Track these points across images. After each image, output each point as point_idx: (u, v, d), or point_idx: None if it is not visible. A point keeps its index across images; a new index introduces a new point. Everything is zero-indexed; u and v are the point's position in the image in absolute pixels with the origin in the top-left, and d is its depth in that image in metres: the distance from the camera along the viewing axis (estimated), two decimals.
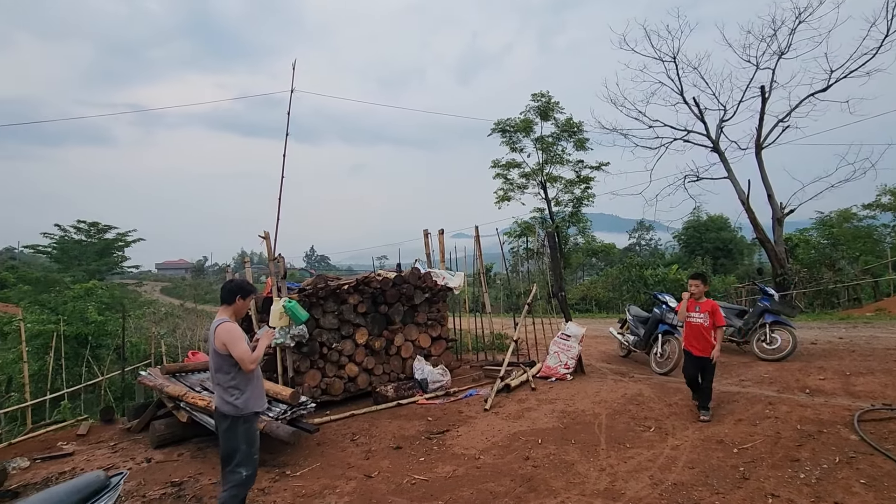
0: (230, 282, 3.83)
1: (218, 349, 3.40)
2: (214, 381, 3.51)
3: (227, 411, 3.41)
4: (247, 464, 3.38)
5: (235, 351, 3.36)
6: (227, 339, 3.37)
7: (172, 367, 6.65)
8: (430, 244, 9.56)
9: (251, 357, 3.40)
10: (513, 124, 25.70)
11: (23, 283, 17.10)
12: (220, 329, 3.41)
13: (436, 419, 5.87)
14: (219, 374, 3.45)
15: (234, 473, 3.36)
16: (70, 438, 6.16)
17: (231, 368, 3.42)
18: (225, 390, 3.43)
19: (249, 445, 3.42)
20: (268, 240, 7.00)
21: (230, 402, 3.40)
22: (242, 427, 3.42)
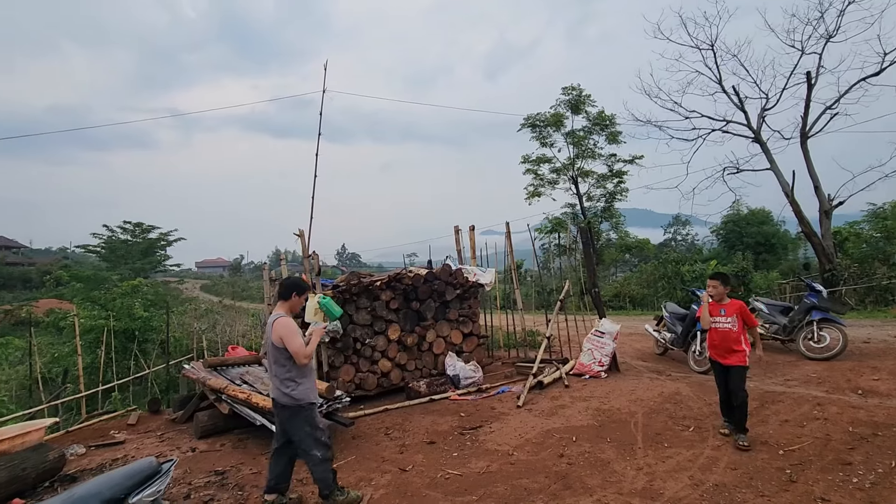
0: (286, 279, 4.01)
1: (275, 343, 3.57)
2: (272, 373, 3.69)
3: (285, 402, 3.60)
4: (316, 446, 3.59)
5: (291, 345, 3.52)
6: (284, 334, 3.54)
7: (214, 361, 6.90)
8: (460, 241, 9.56)
9: (305, 351, 3.56)
10: (543, 119, 25.37)
11: (76, 280, 18.04)
12: (277, 323, 3.58)
13: (468, 415, 5.88)
14: (276, 367, 3.62)
15: (309, 458, 3.60)
16: (121, 428, 6.49)
17: (287, 361, 3.59)
18: (282, 382, 3.60)
19: (313, 428, 3.62)
20: (302, 238, 7.17)
21: (287, 393, 3.58)
22: (302, 415, 3.61)
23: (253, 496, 3.97)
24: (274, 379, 3.66)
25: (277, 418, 3.77)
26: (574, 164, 25.30)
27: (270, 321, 3.66)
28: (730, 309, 4.64)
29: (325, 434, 3.69)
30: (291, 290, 3.77)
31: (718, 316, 4.67)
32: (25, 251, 63.81)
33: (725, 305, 4.67)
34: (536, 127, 25.68)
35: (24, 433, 4.51)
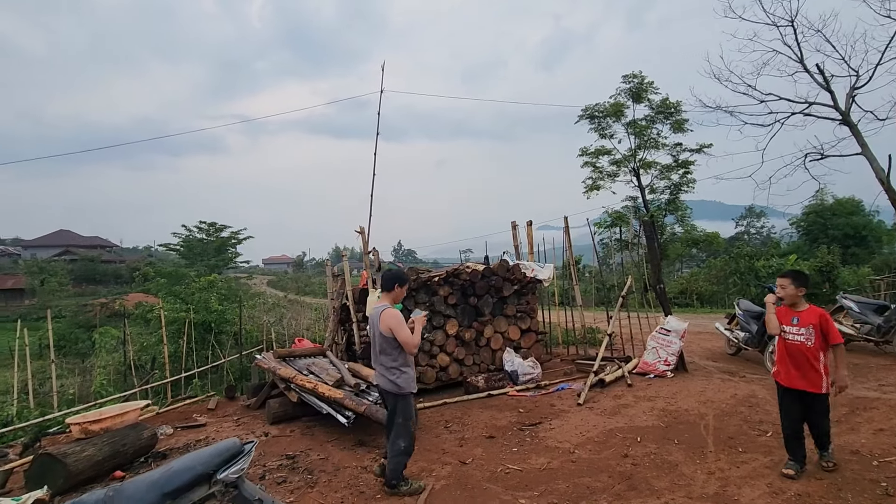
0: (387, 272, 4.21)
1: (383, 332, 3.75)
2: (377, 362, 3.88)
3: (389, 388, 3.81)
4: (404, 435, 3.78)
5: (400, 335, 3.70)
6: (392, 324, 3.71)
7: (283, 352, 7.30)
8: (517, 236, 9.48)
9: (414, 341, 3.73)
10: (602, 109, 24.48)
11: (160, 276, 19.63)
12: (384, 314, 3.76)
13: (527, 411, 5.85)
14: (383, 356, 3.81)
15: (394, 445, 3.79)
16: (202, 412, 7.03)
17: (393, 350, 3.77)
18: (388, 370, 3.79)
19: (406, 419, 3.81)
20: (363, 234, 7.41)
21: (392, 380, 3.77)
22: (402, 403, 3.81)
23: (321, 480, 4.18)
24: (379, 367, 3.86)
25: (384, 403, 4.04)
26: (635, 155, 24.24)
27: (376, 312, 3.84)
28: (805, 317, 3.64)
29: (413, 426, 3.87)
30: (393, 282, 3.94)
31: (789, 325, 3.70)
32: (117, 250, 70.31)
33: (800, 313, 3.68)
34: (595, 118, 24.83)
35: (123, 413, 5.00)
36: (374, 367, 3.96)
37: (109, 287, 44.91)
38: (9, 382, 8.42)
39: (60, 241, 62.69)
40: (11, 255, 64.29)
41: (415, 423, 3.89)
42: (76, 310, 29.59)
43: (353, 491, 3.93)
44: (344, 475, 4.27)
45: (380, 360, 3.85)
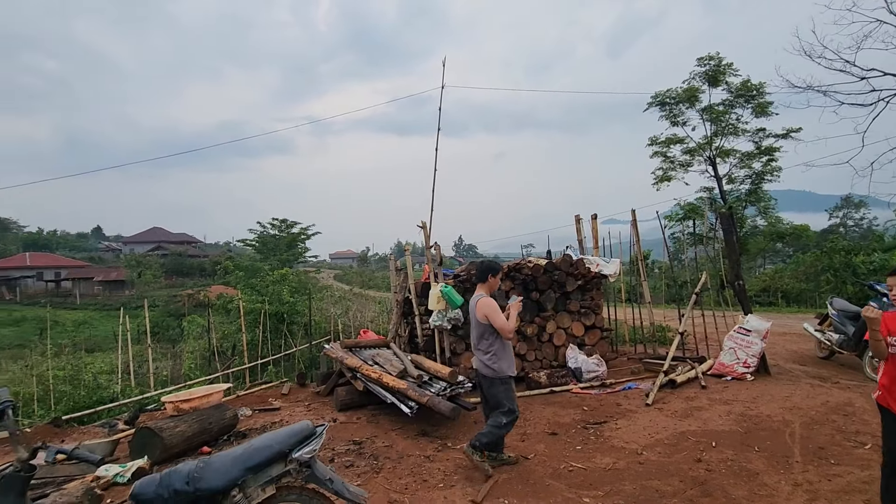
0: (481, 263, 4.40)
1: (480, 320, 3.99)
2: (476, 347, 4.14)
3: (487, 374, 4.03)
4: (507, 415, 4.00)
5: (496, 322, 3.90)
6: (489, 312, 3.93)
7: (349, 343, 7.60)
8: (581, 230, 9.22)
9: (509, 327, 3.92)
10: (674, 95, 23.07)
11: (238, 270, 21.04)
12: (480, 302, 4.01)
13: (592, 409, 5.69)
14: (481, 342, 4.05)
15: (496, 416, 4.02)
16: (276, 396, 7.49)
17: (490, 336, 3.98)
18: (485, 355, 4.02)
19: (509, 401, 4.03)
20: (425, 229, 7.52)
21: (489, 365, 4.00)
22: (502, 386, 4.02)
23: (386, 467, 4.32)
24: (477, 352, 4.10)
25: (481, 387, 4.21)
26: (711, 142, 22.66)
27: (473, 301, 4.11)
28: None
29: (517, 407, 4.07)
30: (487, 273, 4.16)
31: None
32: (201, 245, 76.31)
33: None
34: (666, 105, 23.46)
35: (208, 394, 5.45)
36: (473, 352, 4.21)
37: (195, 279, 48.88)
38: (113, 363, 9.43)
39: (153, 237, 69.11)
40: (114, 250, 71.90)
41: (514, 403, 4.06)
42: (167, 300, 32.59)
43: (417, 479, 4.02)
44: (408, 463, 4.38)
45: (478, 346, 4.08)
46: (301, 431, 2.39)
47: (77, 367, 9.02)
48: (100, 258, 65.26)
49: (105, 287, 46.90)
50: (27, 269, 48.77)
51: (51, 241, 69.81)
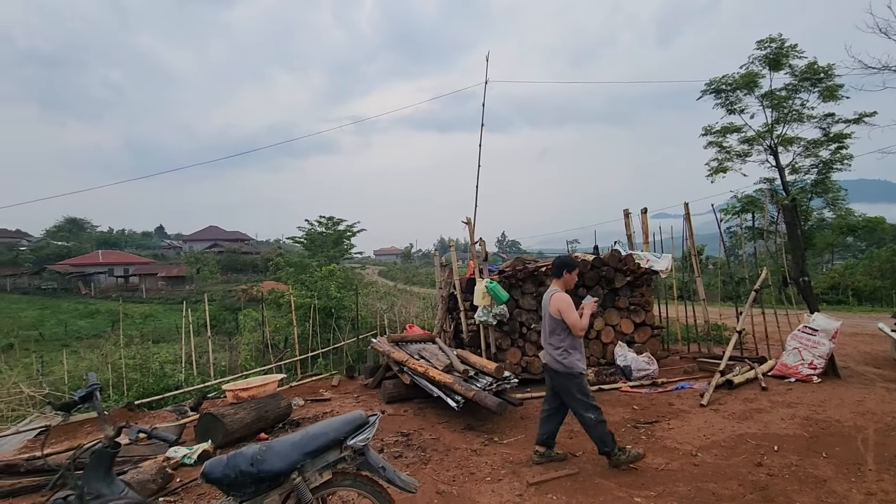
0: (557, 258, 4.37)
1: (553, 314, 3.97)
2: (546, 342, 4.12)
3: (557, 368, 3.99)
4: (588, 409, 3.91)
5: (569, 318, 3.89)
6: (562, 308, 3.91)
7: (395, 337, 7.75)
8: (630, 225, 8.95)
9: (581, 324, 3.90)
10: (730, 81, 21.85)
11: (288, 266, 21.87)
12: (554, 298, 3.99)
13: (642, 409, 5.54)
14: (552, 337, 4.03)
15: (584, 420, 3.95)
16: (326, 387, 7.75)
17: (562, 332, 3.96)
18: (556, 350, 3.99)
19: (585, 396, 3.95)
20: (470, 225, 7.53)
21: (560, 360, 3.96)
22: (574, 382, 3.96)
23: (434, 458, 4.39)
24: (548, 346, 4.07)
25: (549, 382, 4.18)
26: (772, 130, 21.33)
27: (547, 296, 4.10)
28: None
29: (594, 399, 3.97)
30: (562, 269, 4.12)
31: None
32: (253, 242, 79.79)
33: None
34: (722, 92, 22.25)
35: (264, 384, 5.72)
36: (544, 346, 4.18)
37: (248, 275, 51.19)
38: (177, 354, 10.05)
39: (210, 235, 72.91)
40: (175, 247, 76.43)
41: (591, 397, 3.98)
42: (223, 294, 34.33)
43: (464, 471, 4.06)
44: (455, 455, 4.43)
45: (549, 341, 4.06)
46: (355, 420, 2.48)
47: (145, 357, 9.69)
48: (162, 255, 69.61)
49: (167, 282, 49.97)
50: (100, 266, 52.70)
51: (120, 239, 75.12)
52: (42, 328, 33.31)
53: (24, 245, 61.80)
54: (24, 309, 38.91)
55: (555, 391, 4.14)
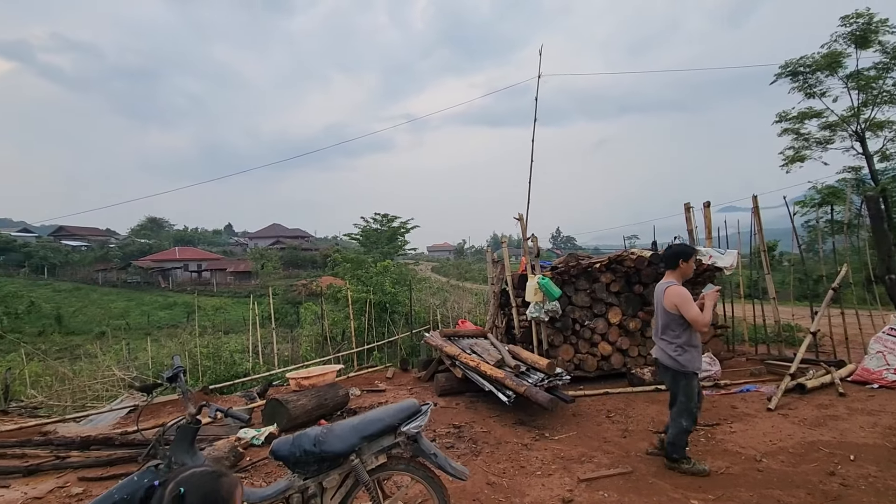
0: (669, 248, 4.08)
1: (668, 308, 3.72)
2: (659, 337, 3.88)
3: (670, 365, 3.77)
4: (685, 415, 3.74)
5: (688, 313, 3.60)
6: (679, 301, 3.64)
7: (448, 332, 7.88)
8: (691, 219, 8.56)
9: (704, 319, 3.61)
10: (809, 63, 20.13)
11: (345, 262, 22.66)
12: (669, 291, 3.72)
13: (703, 410, 5.27)
14: (666, 332, 3.78)
15: (675, 422, 3.80)
16: (381, 379, 8.03)
17: (678, 328, 3.70)
18: (670, 346, 3.75)
19: (688, 399, 3.74)
20: (522, 221, 7.52)
21: (673, 357, 3.72)
22: (683, 382, 3.74)
23: (485, 451, 4.46)
24: (661, 341, 3.84)
25: (663, 379, 4.00)
26: (859, 114, 19.47)
27: (661, 289, 3.83)
28: None
29: (697, 406, 3.78)
30: (677, 258, 3.82)
31: None
32: (312, 239, 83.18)
33: None
34: (799, 74, 20.51)
35: (324, 373, 6.04)
36: (656, 342, 3.95)
37: (308, 270, 53.47)
38: (244, 344, 10.76)
39: (273, 232, 76.83)
40: (242, 244, 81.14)
41: (696, 404, 3.78)
42: (285, 289, 36.13)
43: (514, 465, 4.11)
44: (505, 449, 4.49)
45: (662, 337, 3.82)
46: (408, 409, 2.61)
47: (217, 346, 10.45)
48: (231, 252, 74.18)
49: (235, 277, 53.23)
50: (176, 262, 57.01)
51: (193, 237, 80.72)
52: (128, 318, 36.63)
53: (113, 243, 67.99)
54: (114, 300, 42.91)
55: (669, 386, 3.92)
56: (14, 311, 35.12)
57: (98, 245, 64.08)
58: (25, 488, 4.07)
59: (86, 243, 64.64)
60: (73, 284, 47.28)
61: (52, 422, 6.32)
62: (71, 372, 11.22)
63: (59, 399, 8.99)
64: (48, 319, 34.60)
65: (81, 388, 9.80)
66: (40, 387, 10.05)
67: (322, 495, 2.50)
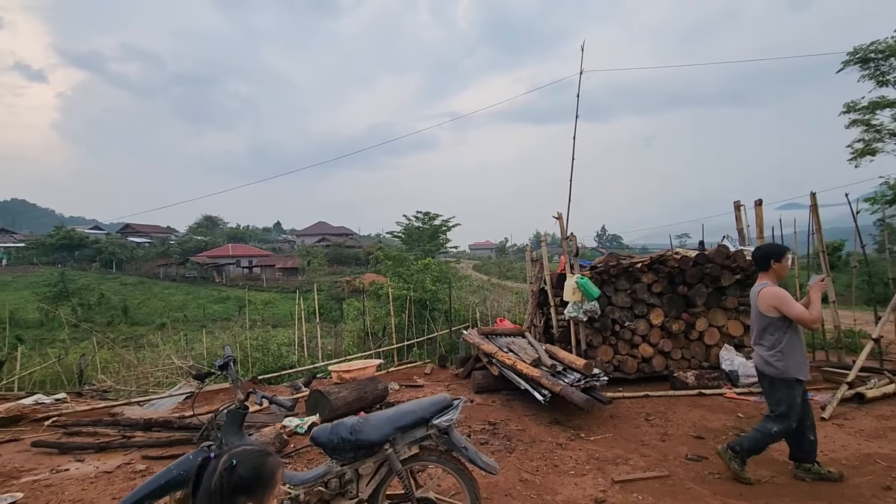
0: (758, 249, 3.81)
1: (765, 312, 3.50)
2: (757, 342, 3.64)
3: (768, 372, 3.54)
4: (778, 422, 3.52)
5: (791, 312, 3.38)
6: (777, 302, 3.42)
7: (486, 330, 7.94)
8: (742, 218, 8.19)
9: (813, 316, 3.38)
10: (881, 48, 18.66)
11: (387, 259, 23.10)
12: (764, 292, 3.50)
13: (749, 417, 5.13)
14: (764, 337, 3.56)
15: (765, 422, 3.61)
16: (420, 375, 8.19)
17: (776, 331, 3.47)
18: (768, 352, 3.52)
19: (789, 408, 3.48)
20: (561, 220, 7.45)
21: (771, 363, 3.49)
22: (783, 389, 3.50)
23: (518, 448, 4.50)
24: (759, 347, 3.62)
25: (760, 386, 3.77)
26: None
27: (755, 292, 3.62)
28: None
29: (795, 418, 3.50)
30: (768, 259, 3.60)
31: None
32: (356, 237, 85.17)
33: None
34: (870, 61, 19.02)
35: (364, 367, 6.25)
36: (754, 347, 3.72)
37: (351, 267, 54.84)
38: (291, 337, 11.23)
39: (319, 230, 79.22)
40: (289, 241, 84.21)
41: (797, 414, 3.49)
42: (330, 285, 37.26)
43: (548, 463, 4.13)
44: (540, 447, 4.50)
45: (760, 341, 3.60)
46: (440, 402, 2.70)
47: (265, 339, 10.97)
48: (279, 248, 77.13)
49: (283, 273, 55.34)
50: (229, 258, 59.91)
51: (245, 234, 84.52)
52: (186, 311, 38.90)
53: (173, 239, 72.26)
54: (173, 294, 45.70)
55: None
56: (87, 302, 38.17)
57: (159, 241, 68.30)
58: (97, 463, 4.48)
59: (149, 240, 69.10)
60: (137, 278, 50.72)
61: (119, 404, 6.89)
62: (135, 359, 12.11)
63: (125, 384, 9.74)
64: (116, 310, 37.30)
65: (144, 375, 10.57)
66: (109, 372, 10.92)
67: (358, 481, 2.64)
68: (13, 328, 21.67)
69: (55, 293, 37.52)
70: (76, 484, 4.01)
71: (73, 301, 36.95)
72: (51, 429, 5.62)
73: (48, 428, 5.65)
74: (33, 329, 29.83)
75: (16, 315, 30.16)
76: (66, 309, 32.89)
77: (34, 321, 32.68)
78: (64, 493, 3.84)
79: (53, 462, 4.55)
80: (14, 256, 55.88)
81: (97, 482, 4.04)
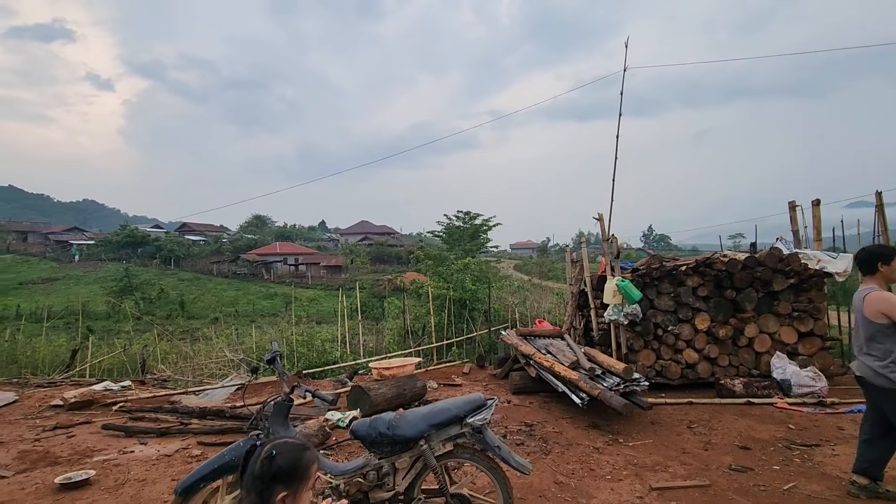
0: (862, 251, 3.58)
1: (872, 318, 3.28)
2: (864, 352, 3.41)
3: (881, 383, 3.27)
4: None
5: None
6: (887, 308, 3.19)
7: (524, 331, 7.93)
8: (797, 219, 7.78)
9: None
10: None
11: (428, 259, 23.34)
12: (871, 297, 3.28)
13: (801, 429, 4.89)
14: (871, 345, 3.33)
15: None
16: (458, 374, 8.28)
17: (886, 339, 3.24)
18: (877, 361, 3.28)
19: None
20: (602, 221, 7.34)
21: (884, 374, 3.23)
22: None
23: (555, 451, 4.50)
24: (866, 357, 3.37)
25: (869, 399, 3.51)
26: None
27: (859, 297, 3.39)
28: None
29: None
30: (875, 262, 3.38)
31: None
32: (398, 236, 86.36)
33: None
34: None
35: (403, 365, 6.41)
36: (858, 355, 3.48)
37: (393, 266, 55.70)
38: (334, 334, 11.60)
39: (362, 229, 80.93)
40: (333, 240, 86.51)
41: None
42: (372, 283, 38.02)
43: (584, 467, 4.11)
44: (576, 451, 4.49)
45: (866, 350, 3.36)
46: (475, 401, 2.77)
47: (310, 335, 11.38)
48: (324, 247, 79.39)
49: (327, 271, 56.95)
50: (277, 256, 62.28)
51: (292, 232, 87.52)
52: (237, 306, 40.78)
53: (225, 238, 75.87)
54: (226, 290, 48.01)
55: (881, 410, 3.37)
56: (148, 296, 40.75)
57: (213, 239, 71.90)
58: (158, 447, 4.85)
59: (203, 238, 72.88)
60: (193, 274, 53.62)
61: (177, 393, 7.38)
62: (191, 351, 12.87)
63: (182, 374, 10.39)
64: (174, 305, 39.62)
65: (199, 366, 11.22)
66: (168, 362, 11.67)
67: (394, 475, 2.75)
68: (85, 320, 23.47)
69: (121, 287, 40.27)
70: (140, 465, 4.37)
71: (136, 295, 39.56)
72: (118, 413, 6.11)
73: (116, 412, 6.16)
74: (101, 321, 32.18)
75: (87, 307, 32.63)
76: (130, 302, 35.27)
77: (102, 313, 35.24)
78: (130, 472, 4.19)
79: (120, 444, 4.96)
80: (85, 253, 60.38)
81: (158, 464, 4.39)
